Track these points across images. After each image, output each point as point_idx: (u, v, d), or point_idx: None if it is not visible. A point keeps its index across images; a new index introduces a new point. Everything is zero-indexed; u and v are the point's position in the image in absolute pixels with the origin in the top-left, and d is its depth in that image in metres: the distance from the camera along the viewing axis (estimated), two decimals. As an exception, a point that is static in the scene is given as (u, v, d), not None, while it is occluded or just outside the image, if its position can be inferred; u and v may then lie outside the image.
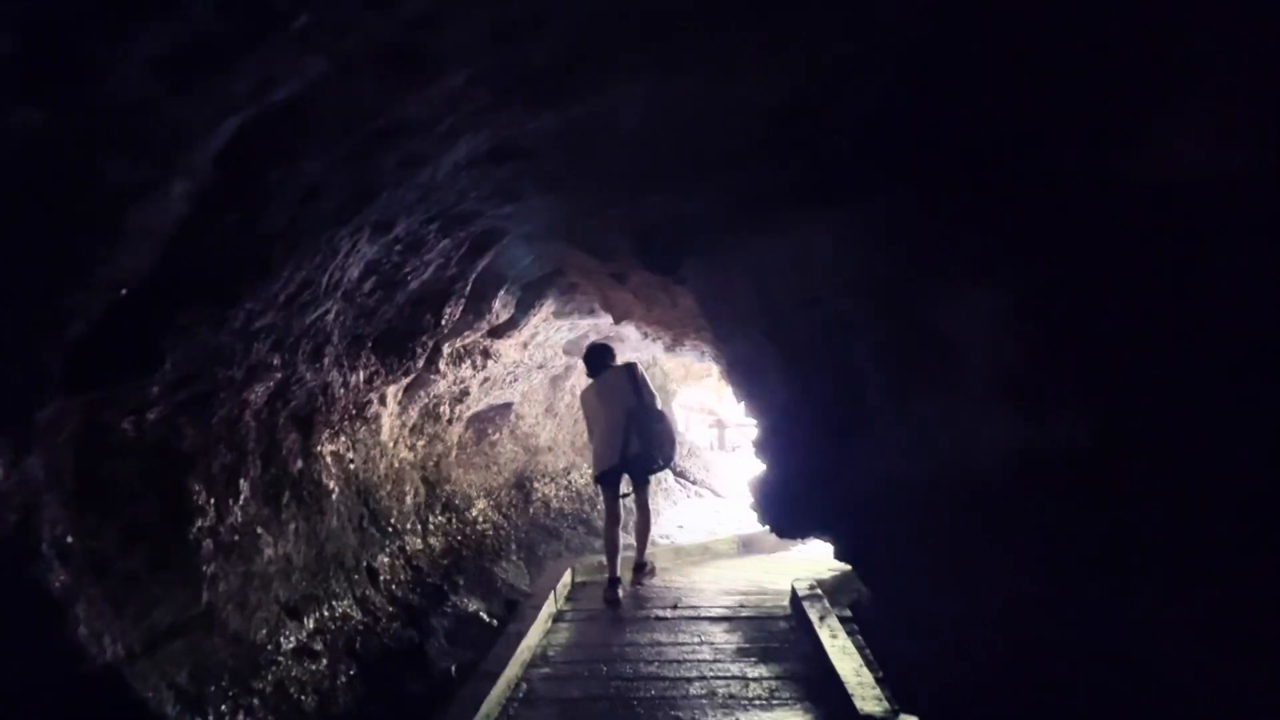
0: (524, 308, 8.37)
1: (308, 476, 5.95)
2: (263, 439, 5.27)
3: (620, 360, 8.45)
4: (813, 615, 6.54)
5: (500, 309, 8.06)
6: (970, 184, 3.85)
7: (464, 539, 9.04)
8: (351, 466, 7.21)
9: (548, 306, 8.71)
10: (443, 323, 7.05)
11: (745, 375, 7.27)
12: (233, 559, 4.83)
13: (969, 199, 3.94)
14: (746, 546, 10.49)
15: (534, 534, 10.25)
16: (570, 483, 11.50)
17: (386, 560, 7.42)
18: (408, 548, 7.95)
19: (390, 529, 7.80)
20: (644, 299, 8.14)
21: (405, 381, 8.33)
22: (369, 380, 6.76)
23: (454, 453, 9.82)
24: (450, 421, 9.52)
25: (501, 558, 9.33)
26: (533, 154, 4.92)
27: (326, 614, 5.82)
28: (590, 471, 8.73)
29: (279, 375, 5.08)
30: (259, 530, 5.19)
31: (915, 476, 4.43)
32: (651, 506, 9.16)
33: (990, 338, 4.12)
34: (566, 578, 8.14)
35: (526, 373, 10.12)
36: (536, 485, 10.89)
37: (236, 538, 4.88)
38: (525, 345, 9.50)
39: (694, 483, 15.02)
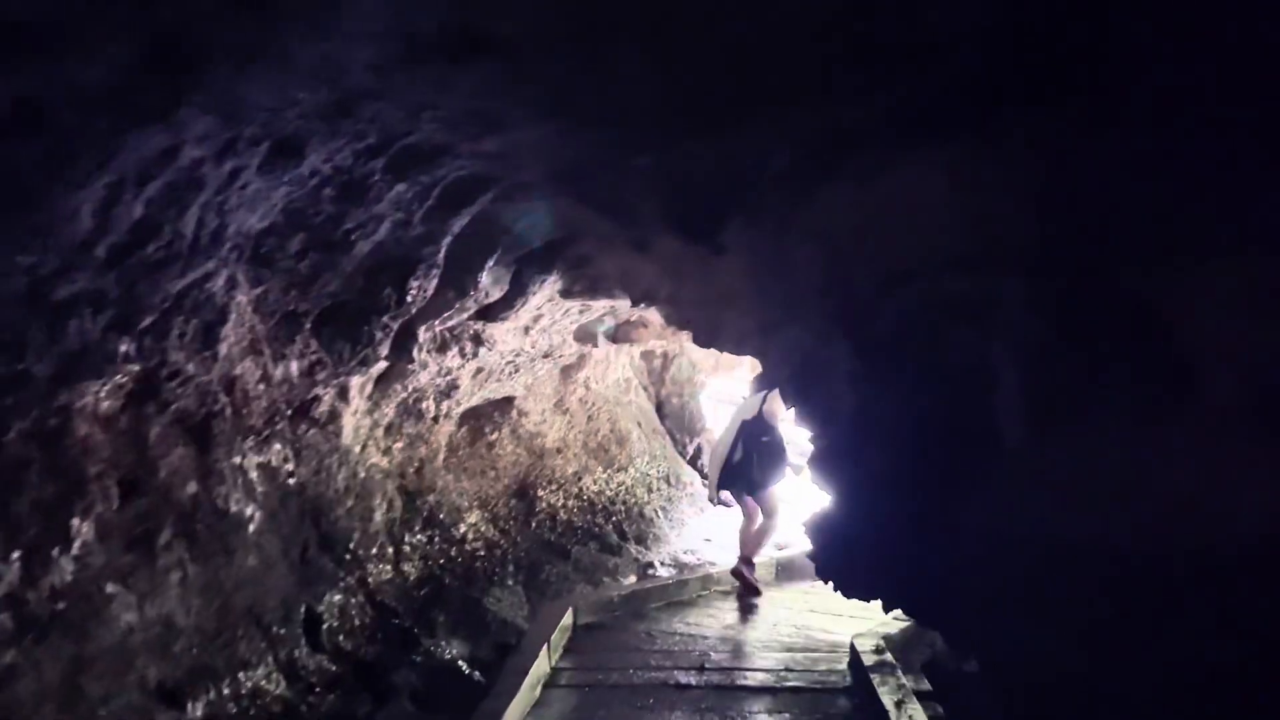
0: (522, 284, 6.77)
1: (206, 504, 4.38)
2: (121, 458, 3.69)
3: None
4: (886, 697, 4.89)
5: (490, 285, 6.48)
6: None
7: (448, 562, 7.48)
8: (293, 481, 5.66)
9: (552, 283, 7.10)
10: (409, 299, 5.47)
11: (799, 373, 5.62)
12: (53, 638, 3.26)
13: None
14: (785, 571, 8.86)
15: (537, 552, 8.67)
16: (582, 490, 9.91)
17: (339, 600, 5.87)
18: (372, 579, 6.39)
19: (349, 557, 6.24)
20: (672, 274, 6.50)
21: (374, 372, 6.75)
22: (309, 372, 5.19)
23: (441, 456, 8.25)
24: (437, 419, 7.95)
25: (495, 584, 7.75)
26: (513, 49, 3.29)
27: (228, 692, 4.26)
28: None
29: (136, 368, 3.50)
30: (112, 588, 3.62)
31: (1098, 542, 2.78)
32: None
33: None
34: (567, 619, 6.55)
35: (529, 362, 8.52)
36: (541, 494, 9.31)
37: (62, 605, 3.31)
38: (527, 330, 7.90)
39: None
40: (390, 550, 6.85)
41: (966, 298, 3.78)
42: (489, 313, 6.96)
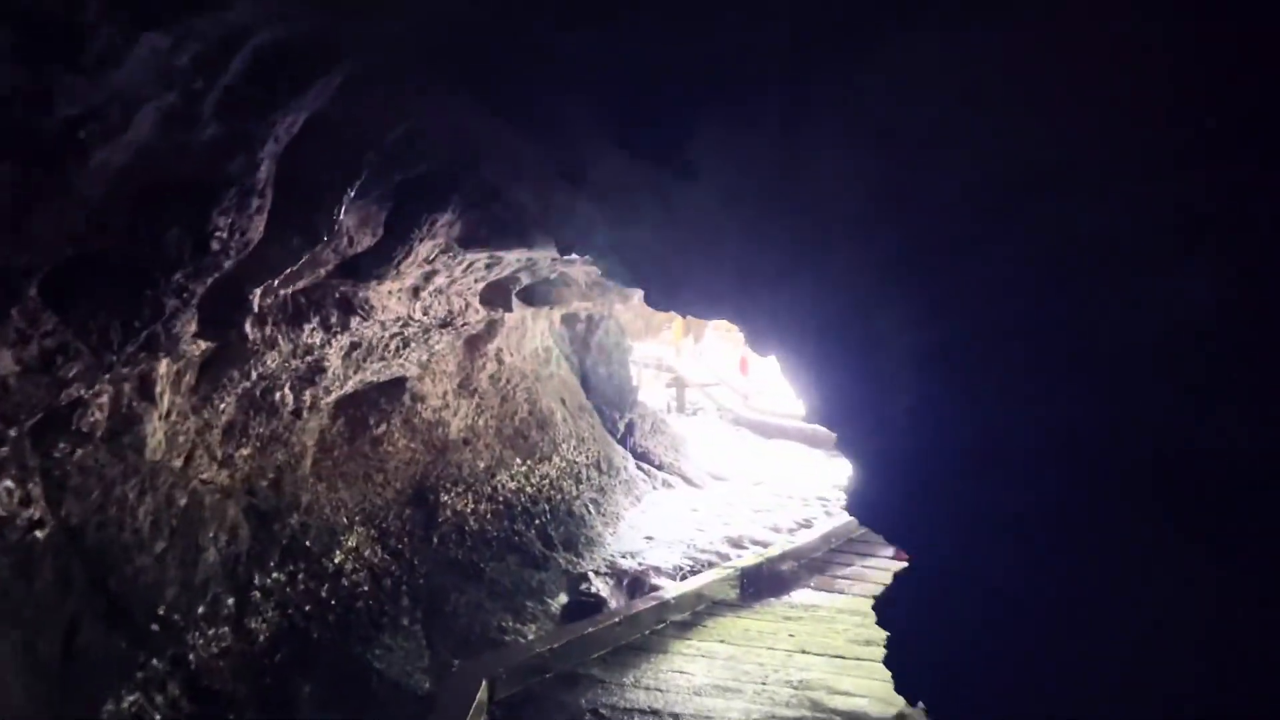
0: (404, 227, 4.83)
1: None
2: None
3: None
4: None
5: (355, 227, 4.53)
6: None
7: (318, 607, 5.57)
8: (43, 532, 3.66)
9: (447, 226, 5.16)
10: (215, 245, 3.49)
11: (816, 349, 3.83)
12: None
13: None
14: (753, 584, 7.17)
15: (440, 576, 6.80)
16: (497, 489, 8.03)
17: (134, 701, 3.93)
18: (195, 655, 4.45)
19: (157, 628, 4.29)
20: (615, 212, 4.64)
21: (193, 356, 4.76)
22: (46, 365, 3.21)
23: (308, 460, 6.28)
24: (299, 413, 5.97)
25: (384, 629, 5.87)
26: None
27: None
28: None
29: None
30: None
31: None
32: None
33: None
34: (481, 694, 4.69)
35: (423, 334, 6.57)
36: (445, 499, 7.40)
37: None
38: (416, 293, 5.95)
39: (659, 468, 11.69)
40: (230, 603, 4.90)
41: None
42: (359, 268, 5.01)
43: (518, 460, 8.43)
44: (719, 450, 15.45)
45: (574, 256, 6.24)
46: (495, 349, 8.45)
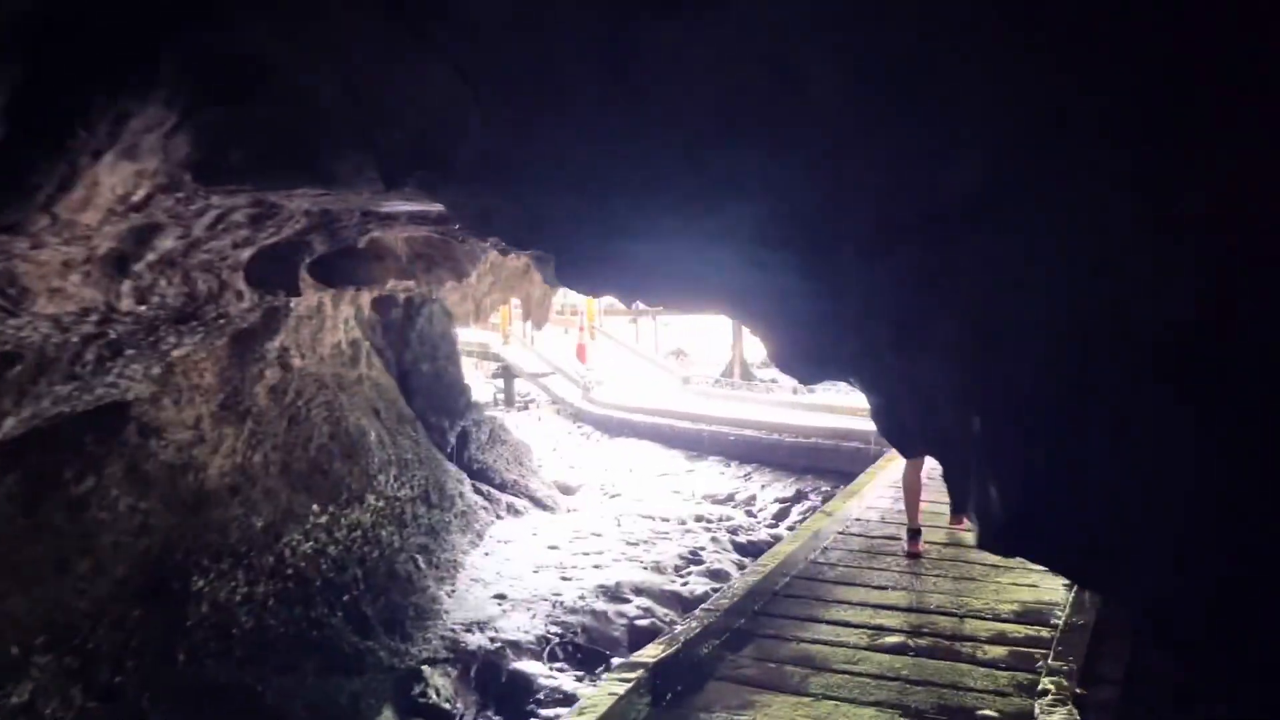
0: (54, 124, 2.37)
1: None
2: None
3: None
4: None
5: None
6: None
7: None
8: None
9: (158, 134, 2.69)
10: None
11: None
12: None
13: None
14: (669, 683, 4.97)
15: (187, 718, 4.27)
16: (284, 558, 5.46)
17: None
18: None
19: None
20: (505, 81, 2.29)
21: None
22: None
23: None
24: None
25: None
26: None
27: None
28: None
29: None
30: None
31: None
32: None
33: None
34: None
35: (146, 334, 3.98)
36: (200, 583, 4.81)
37: None
38: (122, 264, 3.40)
39: (502, 488, 9.34)
40: None
41: None
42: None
43: (315, 508, 5.90)
44: (562, 455, 13.28)
45: (399, 207, 3.87)
46: (278, 349, 5.86)
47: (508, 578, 7.15)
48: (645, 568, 7.44)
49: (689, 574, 7.43)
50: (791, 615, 5.28)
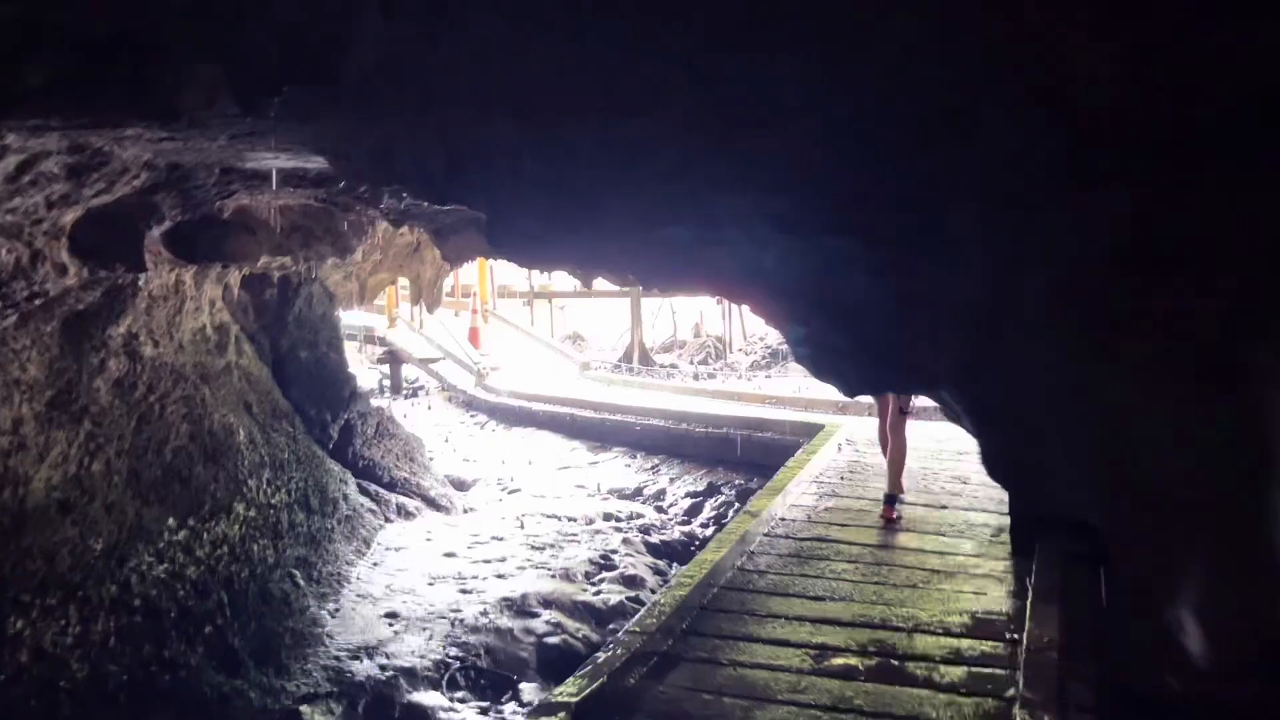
0: None
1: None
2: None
3: None
4: None
5: None
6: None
7: None
8: None
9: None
10: None
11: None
12: None
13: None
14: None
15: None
16: (130, 585, 4.58)
17: None
18: None
19: None
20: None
21: None
22: None
23: None
24: None
25: None
26: None
27: None
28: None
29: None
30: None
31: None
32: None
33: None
34: None
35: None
36: (18, 624, 3.92)
37: None
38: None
39: (391, 487, 8.50)
40: None
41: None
42: None
43: (171, 523, 5.02)
44: (455, 447, 12.46)
45: (269, 161, 3.09)
46: (124, 335, 4.94)
47: (400, 592, 6.38)
48: (553, 575, 6.77)
49: (601, 581, 6.81)
50: (724, 634, 4.70)
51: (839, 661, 4.31)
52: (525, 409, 13.44)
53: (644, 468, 10.49)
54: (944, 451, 8.04)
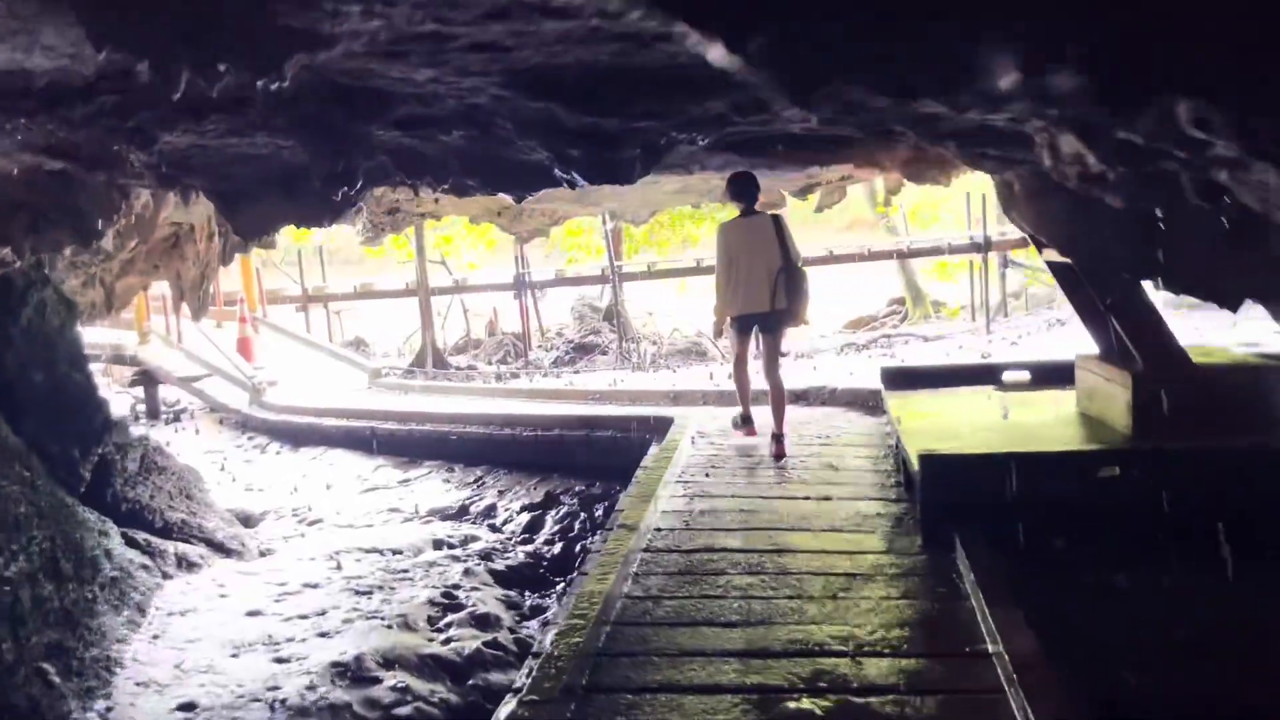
0: None
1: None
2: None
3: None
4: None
5: None
6: None
7: None
8: None
9: None
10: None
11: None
12: None
13: None
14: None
15: None
16: None
17: None
18: None
19: None
20: None
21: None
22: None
23: None
24: None
25: None
26: None
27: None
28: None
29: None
30: None
31: None
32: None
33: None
34: None
35: None
36: None
37: None
38: None
39: (168, 533, 6.88)
40: None
41: None
42: None
43: None
44: (234, 475, 10.75)
45: None
46: None
47: (194, 672, 4.98)
48: (389, 626, 5.56)
49: (449, 625, 5.68)
50: (635, 686, 3.76)
51: (791, 707, 3.50)
52: (314, 426, 11.88)
53: (465, 482, 9.35)
54: (805, 436, 7.51)
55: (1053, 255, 5.92)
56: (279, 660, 5.12)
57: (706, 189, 8.87)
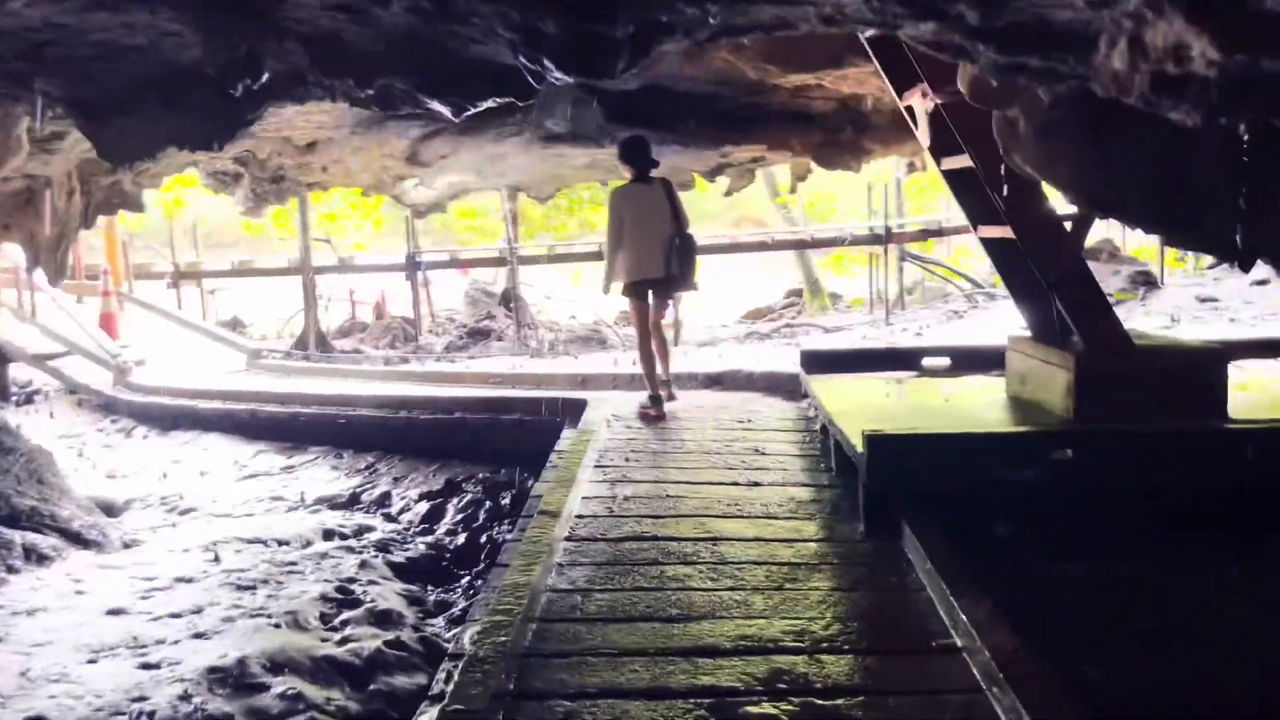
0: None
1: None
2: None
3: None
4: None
5: None
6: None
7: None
8: None
9: None
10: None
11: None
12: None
13: None
14: None
15: None
16: None
17: None
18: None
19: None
20: None
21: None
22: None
23: None
24: None
25: None
26: None
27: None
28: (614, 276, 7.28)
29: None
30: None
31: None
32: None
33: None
34: None
35: None
36: None
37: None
38: None
39: (16, 522, 6.00)
40: None
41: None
42: None
43: None
44: (94, 460, 9.76)
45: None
46: None
47: (44, 681, 4.26)
48: (276, 625, 4.90)
49: (345, 624, 5.08)
50: (571, 691, 3.31)
51: (753, 712, 3.13)
52: (186, 408, 10.94)
53: (356, 468, 8.67)
54: (724, 420, 7.19)
55: (990, 232, 5.73)
56: (146, 666, 4.45)
57: (614, 164, 8.45)
